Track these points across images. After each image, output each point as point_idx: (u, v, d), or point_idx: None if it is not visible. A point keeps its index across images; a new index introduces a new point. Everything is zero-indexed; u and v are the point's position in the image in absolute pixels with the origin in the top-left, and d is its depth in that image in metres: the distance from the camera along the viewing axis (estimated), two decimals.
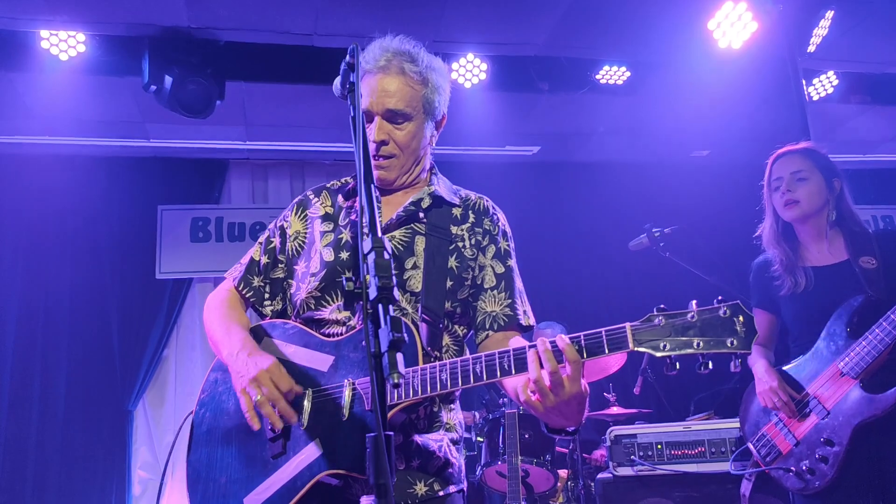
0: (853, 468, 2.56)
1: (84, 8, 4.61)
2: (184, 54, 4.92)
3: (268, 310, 2.03)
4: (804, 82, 4.43)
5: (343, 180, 2.09)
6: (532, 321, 1.97)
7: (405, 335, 1.19)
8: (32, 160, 6.43)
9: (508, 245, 2.01)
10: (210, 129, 6.23)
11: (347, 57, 1.59)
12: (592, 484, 4.29)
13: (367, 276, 1.27)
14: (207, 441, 1.88)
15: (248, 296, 2.03)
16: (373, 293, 1.24)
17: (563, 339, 1.50)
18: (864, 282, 2.70)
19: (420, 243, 1.90)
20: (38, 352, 6.26)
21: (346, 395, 1.69)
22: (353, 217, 1.97)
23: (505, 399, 4.38)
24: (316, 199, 2.07)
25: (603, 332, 1.50)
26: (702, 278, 4.41)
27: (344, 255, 1.89)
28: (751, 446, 2.87)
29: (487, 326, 1.91)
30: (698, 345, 1.45)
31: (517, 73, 5.57)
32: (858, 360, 2.56)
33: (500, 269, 1.96)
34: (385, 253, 1.29)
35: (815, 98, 6.01)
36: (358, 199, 1.96)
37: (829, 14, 4.93)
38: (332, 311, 1.87)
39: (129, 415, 6.32)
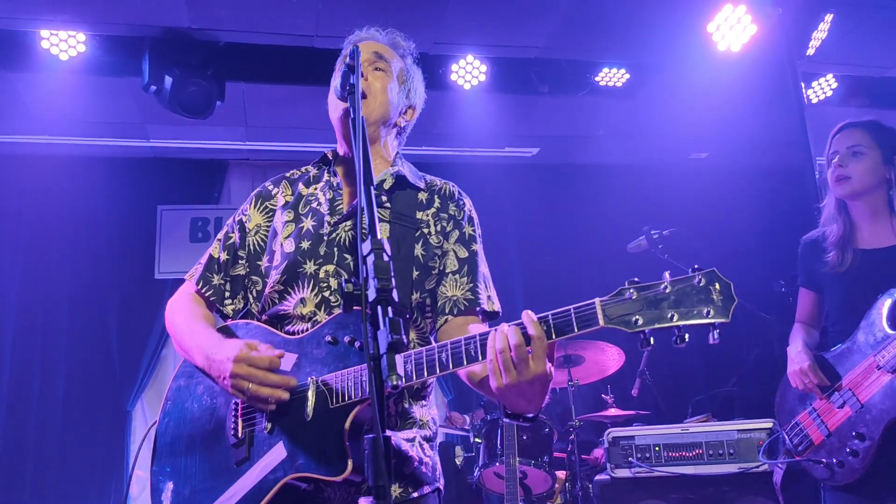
0: (884, 464, 2.49)
1: (85, 8, 4.62)
2: (184, 55, 4.93)
3: (228, 309, 1.96)
4: (803, 85, 4.43)
5: (303, 169, 2.06)
6: (497, 307, 1.90)
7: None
8: (32, 160, 6.43)
9: (474, 231, 1.97)
10: (210, 130, 6.24)
11: (347, 59, 1.60)
12: (590, 486, 4.30)
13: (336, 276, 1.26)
14: (171, 451, 1.81)
15: (207, 295, 1.95)
16: (371, 295, 1.24)
17: (529, 315, 1.43)
18: None
19: (384, 231, 1.84)
20: (38, 351, 6.27)
21: (310, 393, 1.63)
22: (314, 205, 1.92)
23: None
24: (276, 188, 2.02)
25: (572, 310, 1.43)
26: None
27: (305, 244, 1.84)
28: (784, 435, 2.78)
29: (447, 311, 1.84)
30: (672, 317, 1.36)
31: (517, 75, 5.58)
32: (895, 354, 2.46)
33: (464, 253, 1.91)
34: (384, 255, 1.28)
35: (815, 101, 6.02)
36: (321, 186, 1.95)
37: (829, 17, 4.94)
38: (294, 304, 1.81)
39: (127, 415, 6.33)
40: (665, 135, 6.73)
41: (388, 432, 1.69)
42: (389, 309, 1.22)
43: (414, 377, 1.54)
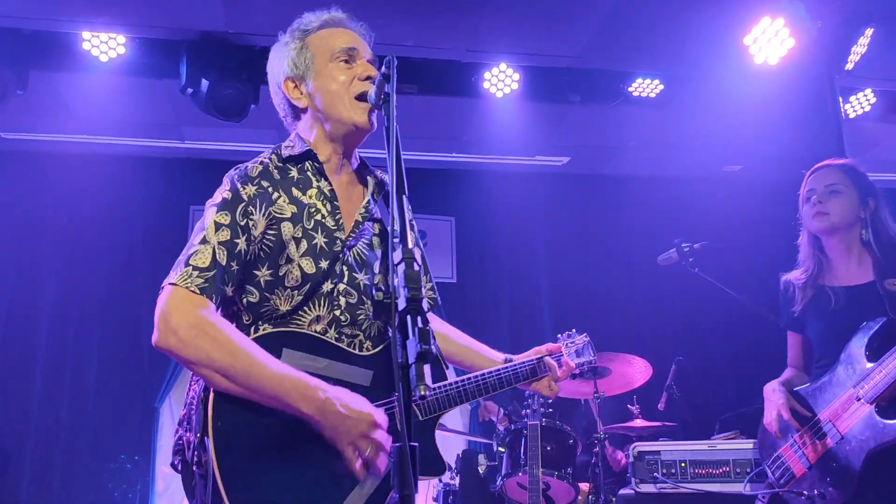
0: (865, 496, 2.49)
1: (125, 11, 4.71)
2: (221, 58, 4.99)
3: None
4: (841, 99, 4.37)
5: (267, 160, 2.01)
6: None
7: (433, 348, 1.20)
8: (70, 158, 6.57)
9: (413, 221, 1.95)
10: (244, 133, 6.31)
11: (383, 68, 1.62)
12: (614, 499, 4.26)
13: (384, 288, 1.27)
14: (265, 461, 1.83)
15: (217, 302, 1.73)
16: (402, 304, 1.25)
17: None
18: (888, 304, 2.64)
19: (377, 245, 1.93)
20: (69, 347, 6.39)
21: (398, 411, 1.66)
22: (317, 217, 1.85)
23: (528, 410, 4.36)
24: (276, 192, 1.88)
25: None
26: (730, 295, 4.36)
27: (324, 263, 1.80)
28: (766, 468, 2.84)
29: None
30: None
31: (549, 84, 5.57)
32: (874, 385, 2.49)
33: (418, 252, 1.90)
34: (415, 264, 1.30)
35: (852, 116, 5.92)
36: (315, 194, 1.91)
37: (869, 31, 4.85)
38: (309, 321, 1.78)
39: (155, 411, 6.41)
40: (698, 147, 6.66)
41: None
42: (419, 318, 1.23)
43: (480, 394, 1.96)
